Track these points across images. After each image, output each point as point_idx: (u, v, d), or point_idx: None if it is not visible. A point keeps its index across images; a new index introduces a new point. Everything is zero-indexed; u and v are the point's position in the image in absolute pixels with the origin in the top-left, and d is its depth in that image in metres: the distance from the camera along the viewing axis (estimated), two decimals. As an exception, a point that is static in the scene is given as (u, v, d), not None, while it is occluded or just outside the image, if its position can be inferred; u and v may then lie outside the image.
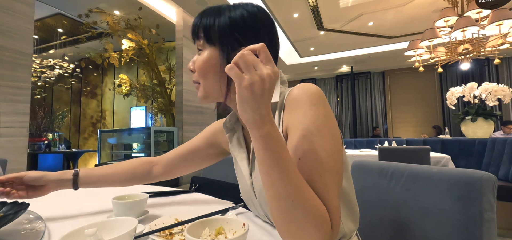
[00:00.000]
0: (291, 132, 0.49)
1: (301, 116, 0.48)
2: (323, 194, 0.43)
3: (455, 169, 0.67)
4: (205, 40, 0.56)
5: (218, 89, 0.56)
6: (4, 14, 2.42)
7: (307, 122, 0.47)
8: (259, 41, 0.50)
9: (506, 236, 2.14)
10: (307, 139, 0.46)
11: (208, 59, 0.56)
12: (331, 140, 0.47)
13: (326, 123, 0.48)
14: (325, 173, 0.44)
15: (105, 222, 0.44)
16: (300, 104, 0.49)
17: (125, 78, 5.52)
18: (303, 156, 0.46)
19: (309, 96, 0.49)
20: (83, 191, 0.95)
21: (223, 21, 0.55)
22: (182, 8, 4.68)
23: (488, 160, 2.76)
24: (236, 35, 0.54)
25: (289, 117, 0.51)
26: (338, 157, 0.47)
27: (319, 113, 0.48)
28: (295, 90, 0.51)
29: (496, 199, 0.58)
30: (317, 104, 0.48)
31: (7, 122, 2.40)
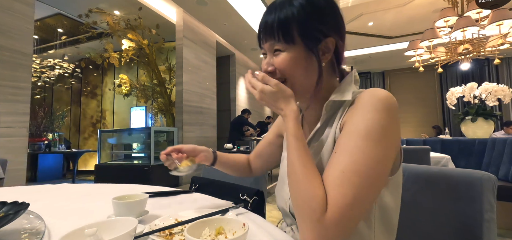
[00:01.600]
0: (344, 128, 0.49)
1: (358, 117, 0.48)
2: (332, 187, 0.43)
3: (455, 169, 0.67)
4: (283, 39, 0.53)
5: (306, 86, 0.55)
6: (4, 14, 2.42)
7: (360, 123, 0.46)
8: (339, 28, 0.56)
9: (506, 236, 2.14)
10: (350, 138, 0.46)
11: (293, 58, 0.53)
12: (376, 147, 0.44)
13: (380, 130, 0.45)
14: (350, 172, 0.43)
15: (105, 222, 0.44)
16: (363, 106, 0.48)
17: (125, 78, 5.52)
18: (339, 151, 0.47)
19: (375, 101, 0.47)
20: (83, 191, 0.95)
21: (302, 14, 0.51)
22: (182, 8, 4.68)
23: (488, 160, 2.76)
24: (319, 27, 0.52)
25: (349, 115, 0.50)
26: (377, 166, 0.44)
27: (376, 119, 0.46)
28: (366, 93, 0.50)
29: (496, 199, 0.58)
30: (379, 110, 0.46)
31: (7, 122, 2.40)
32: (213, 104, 5.68)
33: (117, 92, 5.92)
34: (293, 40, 0.52)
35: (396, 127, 0.47)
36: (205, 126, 5.36)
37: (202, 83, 5.26)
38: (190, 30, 4.92)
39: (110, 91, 6.71)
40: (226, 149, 4.62)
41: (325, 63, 0.55)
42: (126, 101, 6.31)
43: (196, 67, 5.08)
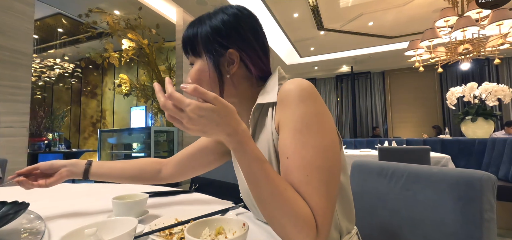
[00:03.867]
0: (281, 130, 0.49)
1: (290, 114, 0.47)
2: (309, 195, 0.43)
3: (455, 169, 0.67)
4: (191, 53, 0.57)
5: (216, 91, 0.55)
6: (4, 14, 2.42)
7: (295, 120, 0.46)
8: (243, 39, 0.55)
9: (506, 236, 2.14)
10: (294, 138, 0.46)
11: (198, 71, 0.56)
12: (321, 136, 0.45)
13: (316, 120, 0.46)
14: (313, 172, 0.43)
15: (105, 222, 0.44)
16: (290, 101, 0.48)
17: (125, 78, 5.52)
18: (291, 155, 0.45)
19: (299, 92, 0.47)
20: (83, 191, 0.95)
21: (204, 30, 0.55)
22: (182, 8, 4.68)
23: (488, 160, 2.76)
24: (219, 40, 0.54)
25: (280, 114, 0.50)
26: (329, 154, 0.45)
27: (308, 110, 0.46)
28: (286, 86, 0.50)
29: (496, 199, 0.58)
30: (306, 101, 0.47)
31: (7, 121, 2.40)
32: (213, 104, 5.68)
33: (117, 92, 5.92)
34: (199, 53, 0.56)
35: (326, 109, 0.48)
36: (205, 125, 5.36)
37: (202, 83, 5.26)
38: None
39: (110, 91, 6.71)
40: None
41: (229, 75, 0.55)
42: (126, 101, 6.32)
43: (196, 67, 5.08)
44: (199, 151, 0.75)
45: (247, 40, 0.56)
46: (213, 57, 0.54)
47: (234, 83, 0.56)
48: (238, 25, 0.56)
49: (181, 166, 0.76)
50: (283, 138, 0.48)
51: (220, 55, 0.55)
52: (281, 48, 7.14)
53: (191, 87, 0.41)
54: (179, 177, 0.78)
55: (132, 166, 0.76)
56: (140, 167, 0.76)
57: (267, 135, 0.53)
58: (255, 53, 0.57)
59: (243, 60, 0.56)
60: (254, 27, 0.58)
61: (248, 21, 0.57)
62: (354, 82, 8.94)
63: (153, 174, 0.77)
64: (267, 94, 0.54)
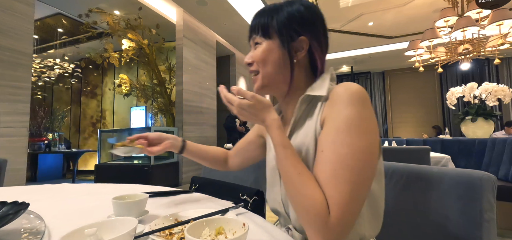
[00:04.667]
0: (325, 126, 0.52)
1: (336, 113, 0.50)
2: (328, 186, 0.45)
3: (455, 169, 0.67)
4: (262, 35, 0.60)
5: (279, 79, 0.60)
6: (4, 14, 2.42)
7: (340, 119, 0.49)
8: (315, 31, 0.61)
9: (506, 236, 2.14)
10: (334, 135, 0.48)
11: (266, 50, 0.59)
12: (359, 139, 0.47)
13: (359, 123, 0.48)
14: (341, 168, 0.45)
15: (105, 222, 0.44)
16: (339, 101, 0.51)
17: (125, 78, 5.52)
18: (325, 149, 0.48)
19: (349, 94, 0.50)
20: (83, 191, 0.95)
21: (282, 16, 0.59)
22: (182, 8, 4.68)
23: (488, 160, 2.75)
24: (294, 27, 0.58)
25: (327, 111, 0.53)
26: (364, 157, 0.46)
27: (354, 112, 0.48)
28: (339, 87, 0.53)
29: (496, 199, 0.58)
30: (355, 103, 0.49)
31: (7, 121, 2.40)
32: (213, 104, 5.68)
33: (117, 92, 5.92)
34: (269, 34, 0.59)
35: (372, 116, 0.50)
36: (205, 126, 5.36)
37: (202, 83, 5.26)
38: (190, 30, 4.92)
39: (110, 91, 6.71)
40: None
41: (297, 60, 0.59)
42: (126, 101, 6.31)
43: (196, 67, 5.08)
44: (248, 145, 0.84)
45: (318, 33, 0.60)
46: (286, 40, 0.58)
47: (293, 70, 0.59)
48: (313, 17, 0.60)
49: (239, 158, 0.86)
50: (324, 133, 0.51)
51: (292, 40, 0.58)
52: (281, 48, 7.14)
53: (235, 89, 0.55)
54: (239, 166, 0.87)
55: (211, 151, 0.87)
56: (214, 154, 0.87)
57: (311, 127, 0.56)
58: (320, 46, 0.61)
59: (310, 49, 0.59)
60: (324, 25, 0.62)
61: (321, 18, 0.62)
62: (354, 82, 8.94)
63: (222, 162, 0.88)
64: (317, 88, 0.57)
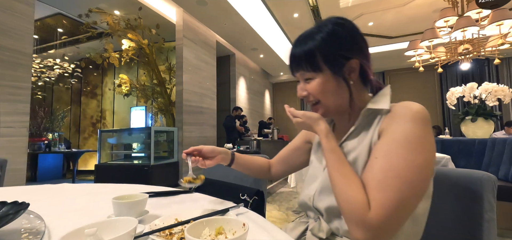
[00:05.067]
0: (382, 136, 0.54)
1: (396, 126, 0.52)
2: (376, 190, 0.47)
3: (455, 169, 0.67)
4: (311, 69, 0.60)
5: (339, 104, 0.62)
6: (4, 14, 2.42)
7: (399, 132, 0.51)
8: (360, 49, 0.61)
9: (506, 236, 2.14)
10: (390, 145, 0.51)
11: (322, 84, 0.60)
12: (416, 155, 0.48)
13: (418, 140, 0.49)
14: (392, 177, 0.47)
15: (105, 222, 0.44)
16: (400, 116, 0.53)
17: (125, 78, 5.52)
18: (379, 156, 0.50)
19: (413, 112, 0.52)
20: (83, 191, 0.95)
21: (323, 44, 0.59)
22: (182, 8, 4.68)
23: (488, 160, 2.75)
24: (342, 53, 0.59)
25: (386, 123, 0.55)
26: (418, 172, 0.48)
27: (414, 129, 0.50)
28: (402, 104, 0.55)
29: (496, 199, 0.58)
30: (416, 121, 0.51)
31: (7, 121, 2.40)
32: (213, 104, 5.68)
33: (117, 92, 5.92)
34: (319, 68, 0.59)
35: (431, 137, 0.51)
36: (205, 126, 5.36)
37: (202, 83, 5.26)
38: (190, 30, 4.92)
39: (110, 91, 6.71)
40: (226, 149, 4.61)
41: (353, 81, 0.61)
42: (126, 101, 6.31)
43: (196, 67, 5.08)
44: (293, 151, 0.86)
45: (363, 49, 0.61)
46: (338, 68, 0.59)
47: (351, 91, 0.61)
48: (354, 35, 0.60)
49: (283, 165, 0.88)
50: (380, 143, 0.53)
51: (343, 65, 0.59)
52: (281, 48, 7.14)
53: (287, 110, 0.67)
54: (283, 174, 0.90)
55: (256, 162, 0.89)
56: (259, 163, 0.89)
57: (366, 137, 0.58)
58: (367, 59, 0.62)
59: (362, 67, 0.61)
60: (363, 37, 0.62)
61: (359, 31, 0.62)
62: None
63: (266, 171, 0.90)
64: (379, 102, 0.59)
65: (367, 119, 0.61)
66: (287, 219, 2.69)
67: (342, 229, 0.58)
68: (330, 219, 0.60)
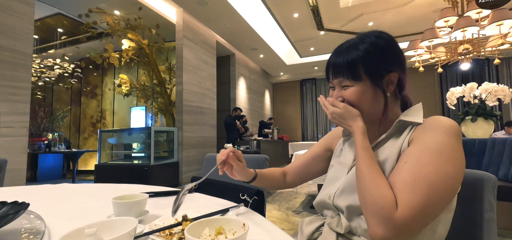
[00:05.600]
0: (413, 143, 0.55)
1: (429, 136, 0.53)
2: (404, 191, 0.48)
3: (455, 169, 0.67)
4: (351, 78, 0.61)
5: (372, 113, 0.63)
6: (4, 14, 2.42)
7: (432, 141, 0.52)
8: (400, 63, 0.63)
9: (506, 236, 2.14)
10: (421, 151, 0.52)
11: (360, 92, 0.61)
12: (447, 165, 0.49)
13: (450, 151, 0.50)
14: (421, 181, 0.48)
15: (105, 222, 0.44)
16: (433, 128, 0.54)
17: (125, 78, 5.52)
18: (409, 161, 0.51)
19: (446, 125, 0.53)
20: (83, 191, 0.95)
21: (366, 55, 0.60)
22: (182, 8, 4.68)
23: (488, 160, 2.75)
24: (384, 66, 0.61)
25: (418, 133, 0.56)
26: (447, 181, 0.49)
27: (446, 141, 0.51)
28: (434, 118, 0.57)
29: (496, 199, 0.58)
30: (449, 134, 0.52)
31: (7, 122, 2.40)
32: (213, 104, 5.68)
33: (117, 92, 5.92)
34: (360, 77, 0.61)
35: (462, 151, 0.53)
36: (205, 126, 5.36)
37: (202, 83, 5.26)
38: (190, 30, 4.92)
39: (110, 91, 6.71)
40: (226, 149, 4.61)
41: (389, 93, 0.63)
42: (126, 101, 6.31)
43: (196, 67, 5.08)
44: (312, 159, 0.86)
45: (402, 63, 0.64)
46: (378, 80, 0.61)
47: (387, 102, 0.62)
48: (395, 49, 0.63)
49: (300, 174, 0.87)
50: (411, 149, 0.54)
51: (383, 77, 0.61)
52: (281, 48, 7.14)
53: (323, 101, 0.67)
54: (298, 183, 0.89)
55: (272, 174, 0.87)
56: (276, 176, 0.87)
57: (396, 145, 0.59)
58: (405, 73, 0.64)
59: (399, 81, 0.63)
60: (402, 52, 0.64)
61: (398, 46, 0.63)
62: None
63: (282, 181, 0.88)
64: (413, 116, 0.61)
65: (398, 130, 0.62)
66: (287, 219, 2.69)
67: (360, 228, 0.59)
68: (350, 217, 0.61)
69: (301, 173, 0.87)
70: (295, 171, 0.88)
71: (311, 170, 0.86)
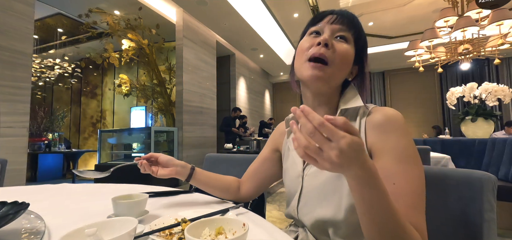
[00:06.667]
0: (383, 155, 0.53)
1: (392, 142, 0.52)
2: (417, 219, 0.47)
3: (455, 169, 0.67)
4: (352, 36, 0.61)
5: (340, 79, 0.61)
6: (4, 14, 2.42)
7: (400, 149, 0.51)
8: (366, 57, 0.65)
9: (506, 236, 2.14)
10: (399, 166, 0.50)
11: (350, 53, 0.60)
12: (419, 167, 0.51)
13: (414, 152, 0.52)
14: (418, 198, 0.49)
15: (105, 222, 0.44)
16: (391, 130, 0.53)
17: (125, 78, 5.52)
18: (397, 182, 0.50)
19: (400, 125, 0.53)
20: (83, 191, 0.95)
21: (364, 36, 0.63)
22: (182, 8, 4.68)
23: (488, 160, 2.75)
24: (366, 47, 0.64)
25: (376, 137, 0.54)
26: (423, 182, 0.50)
27: (409, 143, 0.52)
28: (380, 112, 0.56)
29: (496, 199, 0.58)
30: (407, 134, 0.53)
31: (7, 121, 2.40)
32: (213, 104, 5.68)
33: (117, 92, 5.92)
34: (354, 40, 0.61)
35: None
36: (205, 126, 5.36)
37: (202, 83, 5.26)
38: (190, 30, 4.92)
39: (110, 91, 6.71)
40: (225, 149, 4.61)
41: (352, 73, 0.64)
42: (126, 101, 6.32)
43: (196, 67, 5.08)
44: (262, 165, 0.79)
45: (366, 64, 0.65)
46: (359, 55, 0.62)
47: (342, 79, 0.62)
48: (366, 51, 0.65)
49: (253, 183, 0.79)
50: (386, 164, 0.52)
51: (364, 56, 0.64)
52: (281, 48, 7.14)
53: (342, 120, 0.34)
54: (255, 193, 0.80)
55: (222, 181, 0.78)
56: (228, 184, 0.78)
57: None
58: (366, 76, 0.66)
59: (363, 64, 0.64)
60: None
61: None
62: (354, 82, 8.93)
63: (235, 192, 0.79)
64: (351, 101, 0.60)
65: None
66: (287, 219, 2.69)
67: None
68: (317, 235, 0.60)
69: (254, 181, 0.79)
70: (248, 179, 0.80)
71: (264, 177, 0.78)
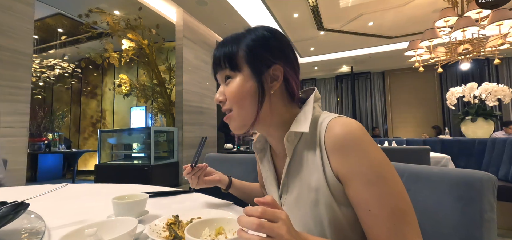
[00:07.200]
0: (351, 182, 0.47)
1: (357, 166, 0.46)
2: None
3: (455, 169, 0.67)
4: (230, 68, 0.54)
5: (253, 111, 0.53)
6: (4, 14, 2.42)
7: (365, 172, 0.45)
8: (287, 57, 0.55)
9: (506, 236, 2.14)
10: (370, 190, 0.45)
11: (240, 85, 0.53)
12: (394, 181, 0.46)
13: (384, 166, 0.46)
14: (398, 219, 0.44)
15: (105, 222, 0.44)
16: (352, 151, 0.46)
17: (125, 78, 5.52)
18: (372, 207, 0.45)
19: (360, 140, 0.46)
20: (83, 191, 0.95)
21: (247, 43, 0.54)
22: (182, 8, 4.68)
23: (488, 160, 2.75)
24: (264, 54, 0.53)
25: (339, 162, 0.48)
26: (405, 194, 0.46)
27: (373, 158, 0.46)
28: (337, 128, 0.48)
29: (496, 199, 0.58)
30: (369, 145, 0.46)
31: (7, 121, 2.40)
32: (213, 104, 5.68)
33: (117, 92, 5.92)
34: (239, 67, 0.53)
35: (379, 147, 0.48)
36: (205, 126, 5.36)
37: (202, 83, 5.26)
38: (190, 30, 4.92)
39: (110, 91, 6.71)
40: (226, 149, 4.61)
41: (274, 90, 0.54)
42: (126, 101, 6.32)
43: (196, 67, 5.08)
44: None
45: (290, 59, 0.56)
46: (259, 70, 0.53)
47: (271, 102, 0.54)
48: (281, 42, 0.56)
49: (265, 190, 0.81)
50: (356, 191, 0.46)
51: (265, 70, 0.53)
52: (281, 48, 7.13)
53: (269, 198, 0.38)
54: None
55: (252, 188, 0.85)
56: (255, 190, 0.85)
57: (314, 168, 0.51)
58: (295, 72, 0.57)
59: (286, 77, 0.55)
60: (293, 50, 0.58)
61: (289, 42, 0.58)
62: (354, 82, 8.94)
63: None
64: (300, 123, 0.53)
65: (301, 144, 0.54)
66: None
67: None
68: None
69: None
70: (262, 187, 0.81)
71: None
